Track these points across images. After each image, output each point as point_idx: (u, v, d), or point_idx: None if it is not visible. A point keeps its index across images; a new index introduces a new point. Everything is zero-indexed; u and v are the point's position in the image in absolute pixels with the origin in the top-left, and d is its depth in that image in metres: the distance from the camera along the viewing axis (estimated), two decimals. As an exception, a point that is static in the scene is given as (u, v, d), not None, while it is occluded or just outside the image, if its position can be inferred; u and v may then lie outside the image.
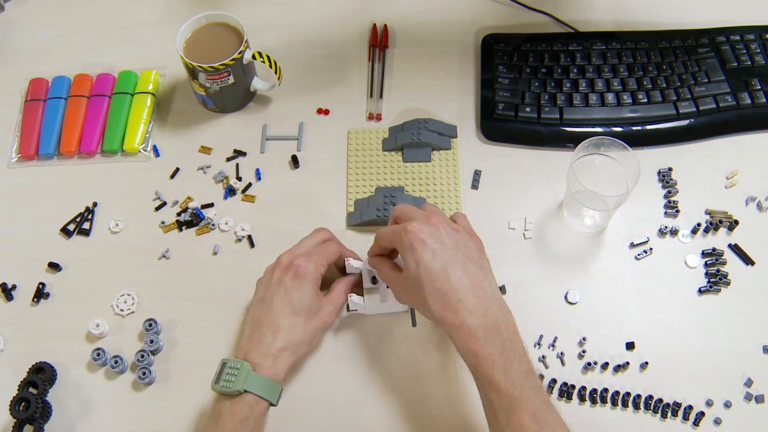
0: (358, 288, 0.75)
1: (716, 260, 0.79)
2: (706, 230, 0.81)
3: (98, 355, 0.73)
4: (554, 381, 0.73)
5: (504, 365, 0.60)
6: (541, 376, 0.73)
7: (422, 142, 0.86)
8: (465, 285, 0.62)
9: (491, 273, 0.68)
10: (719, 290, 0.78)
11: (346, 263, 0.75)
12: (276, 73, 0.86)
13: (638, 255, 0.80)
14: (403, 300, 0.69)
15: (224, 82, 0.85)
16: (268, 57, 0.85)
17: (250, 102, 0.92)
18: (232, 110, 0.91)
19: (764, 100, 0.87)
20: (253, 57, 0.85)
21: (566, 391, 0.72)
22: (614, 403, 0.72)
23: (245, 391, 0.63)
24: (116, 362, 0.73)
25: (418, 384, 0.73)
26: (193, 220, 0.82)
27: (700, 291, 0.78)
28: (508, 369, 0.60)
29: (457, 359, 0.74)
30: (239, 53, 0.83)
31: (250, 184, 0.85)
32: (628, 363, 0.73)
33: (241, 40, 0.84)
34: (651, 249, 0.80)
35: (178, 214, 0.83)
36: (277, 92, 0.90)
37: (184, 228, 0.82)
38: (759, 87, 0.88)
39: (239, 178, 0.86)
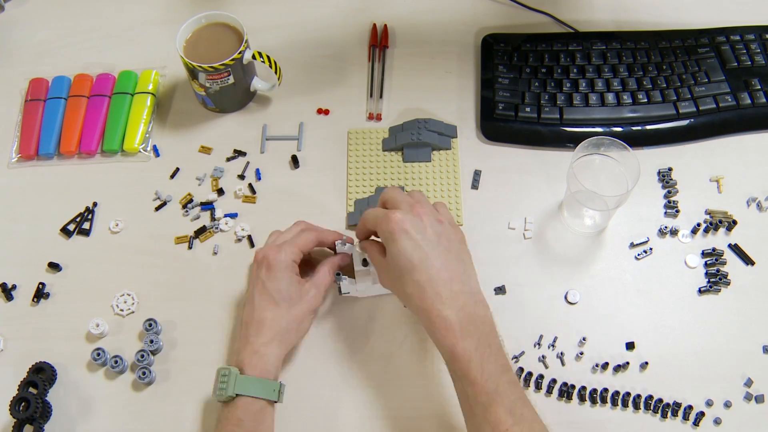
0: (348, 270, 0.75)
1: (716, 260, 0.79)
2: (706, 230, 0.81)
3: (98, 355, 0.73)
4: (554, 381, 0.73)
5: (480, 360, 0.61)
6: (541, 376, 0.73)
7: (422, 142, 0.86)
8: (444, 278, 0.63)
9: (472, 266, 0.67)
10: (719, 290, 0.78)
11: (336, 245, 0.75)
12: (276, 73, 0.86)
13: (638, 255, 0.80)
14: (385, 285, 0.70)
15: (224, 82, 0.85)
16: (268, 57, 0.85)
17: (250, 102, 0.92)
18: (232, 110, 0.91)
19: (764, 100, 0.87)
20: (253, 57, 0.85)
21: (566, 391, 0.72)
22: (614, 403, 0.72)
23: (237, 395, 0.64)
24: (116, 362, 0.73)
25: (418, 384, 0.73)
26: (205, 225, 0.82)
27: (700, 291, 0.78)
28: (484, 364, 0.60)
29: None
30: (239, 53, 0.83)
31: (250, 185, 0.85)
32: (628, 363, 0.73)
33: (241, 40, 0.84)
34: (651, 249, 0.80)
35: (185, 211, 0.83)
36: (277, 92, 0.91)
37: (199, 238, 0.82)
38: (759, 87, 0.88)
39: (242, 177, 0.86)
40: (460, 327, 0.61)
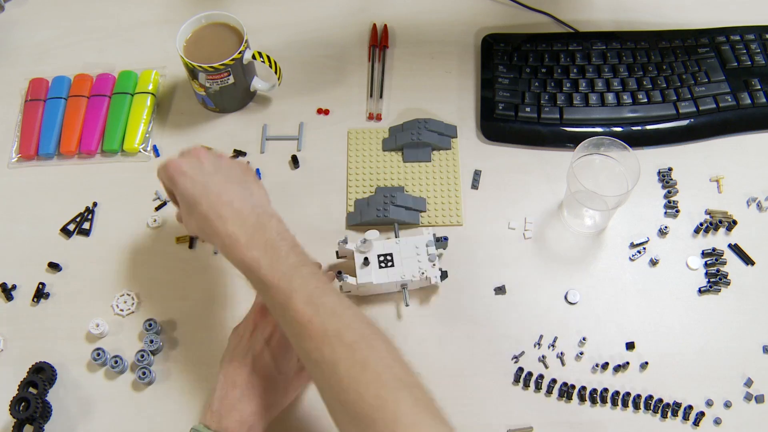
0: (349, 270, 0.75)
1: (716, 260, 0.79)
2: (707, 230, 0.81)
3: (98, 355, 0.73)
4: (554, 381, 0.73)
5: (270, 262, 0.61)
6: (541, 376, 0.73)
7: (422, 142, 0.86)
8: (224, 201, 0.65)
9: (257, 186, 0.69)
10: (719, 290, 0.78)
11: (338, 245, 0.75)
12: (276, 73, 0.86)
13: (632, 256, 0.80)
14: (190, 231, 0.69)
15: (224, 82, 0.85)
16: (268, 57, 0.85)
17: (250, 102, 0.92)
18: (232, 110, 0.91)
19: (764, 100, 0.87)
20: (253, 57, 0.85)
21: (566, 391, 0.72)
22: (614, 403, 0.72)
23: None
24: (116, 362, 0.73)
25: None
26: None
27: (700, 291, 0.78)
28: (274, 265, 0.61)
29: (459, 358, 0.74)
30: (239, 53, 0.83)
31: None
32: (628, 363, 0.73)
33: (241, 40, 0.84)
34: (645, 249, 0.80)
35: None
36: (277, 92, 0.90)
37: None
38: (759, 87, 0.88)
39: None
40: (246, 239, 0.62)
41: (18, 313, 0.78)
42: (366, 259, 0.74)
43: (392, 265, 0.74)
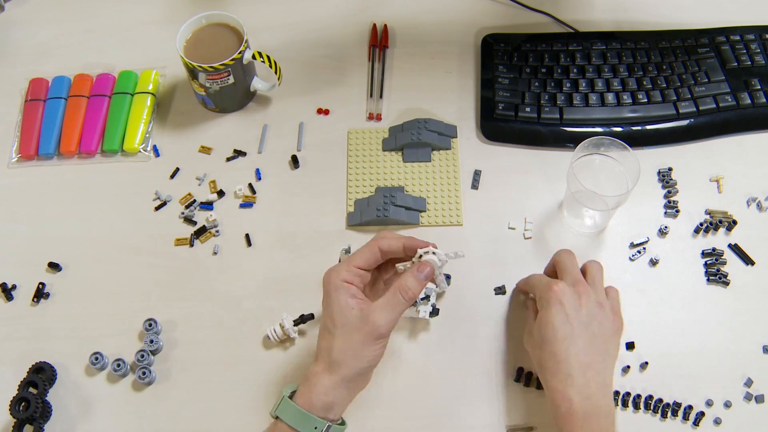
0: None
1: (716, 260, 0.79)
2: (707, 230, 0.81)
3: (96, 359, 0.73)
4: (554, 381, 0.73)
5: None
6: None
7: (422, 142, 0.86)
8: (581, 361, 0.63)
9: (614, 358, 0.66)
10: (719, 290, 0.78)
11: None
12: (276, 73, 0.86)
13: (632, 256, 0.80)
14: (526, 346, 0.70)
15: (224, 82, 0.85)
16: (268, 57, 0.85)
17: (250, 102, 0.92)
18: (232, 110, 0.91)
19: (764, 100, 0.87)
20: (253, 57, 0.85)
21: (566, 391, 0.72)
22: (614, 403, 0.72)
23: (278, 417, 0.62)
24: (119, 365, 0.73)
25: (422, 384, 0.73)
26: (205, 225, 0.82)
27: (700, 291, 0.78)
28: None
29: (459, 358, 0.74)
30: (239, 53, 0.83)
31: (250, 185, 0.85)
32: (629, 366, 0.73)
33: (241, 40, 0.84)
34: (645, 249, 0.80)
35: (183, 212, 0.83)
36: (277, 92, 0.91)
37: (199, 239, 0.82)
38: (759, 87, 0.88)
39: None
40: (582, 416, 0.61)
41: (18, 313, 0.78)
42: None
43: None
